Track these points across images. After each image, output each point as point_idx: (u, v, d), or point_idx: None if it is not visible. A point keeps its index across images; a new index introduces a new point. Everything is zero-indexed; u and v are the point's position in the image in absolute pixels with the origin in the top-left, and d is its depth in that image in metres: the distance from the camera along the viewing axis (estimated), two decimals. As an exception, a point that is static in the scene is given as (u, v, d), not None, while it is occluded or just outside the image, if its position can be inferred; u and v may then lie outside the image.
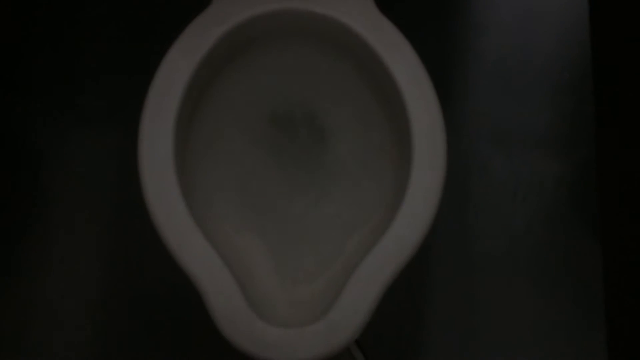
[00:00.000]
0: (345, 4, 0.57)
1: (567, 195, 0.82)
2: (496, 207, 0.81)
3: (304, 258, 0.61)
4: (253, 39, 0.60)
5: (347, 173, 0.63)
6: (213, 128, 0.62)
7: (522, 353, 0.78)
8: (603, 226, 0.81)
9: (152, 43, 0.58)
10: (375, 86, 0.60)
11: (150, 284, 0.78)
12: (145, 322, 0.77)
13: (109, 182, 0.81)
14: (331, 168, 0.64)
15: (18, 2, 0.86)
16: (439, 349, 0.78)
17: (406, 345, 0.78)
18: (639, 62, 0.84)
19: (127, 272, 0.79)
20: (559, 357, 0.78)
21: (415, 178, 0.53)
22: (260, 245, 0.61)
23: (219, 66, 0.60)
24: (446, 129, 0.56)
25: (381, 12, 0.58)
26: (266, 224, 0.62)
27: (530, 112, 0.85)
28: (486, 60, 0.86)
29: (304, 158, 0.64)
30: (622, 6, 0.85)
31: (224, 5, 0.57)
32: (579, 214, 0.81)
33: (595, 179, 0.82)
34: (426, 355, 0.78)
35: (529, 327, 0.78)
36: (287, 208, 0.63)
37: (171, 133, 0.54)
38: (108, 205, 0.81)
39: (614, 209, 0.82)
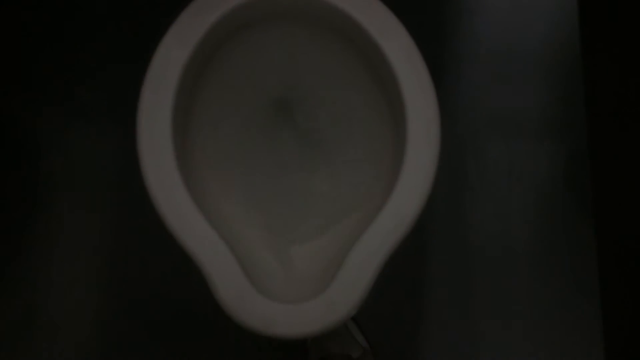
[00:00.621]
0: None
1: (562, 180, 0.82)
2: (492, 193, 0.81)
3: (302, 237, 0.61)
4: (247, 25, 0.60)
5: (344, 154, 0.64)
6: (209, 112, 0.62)
7: (519, 352, 0.78)
8: (597, 211, 0.80)
9: (152, 42, 0.59)
10: (370, 69, 0.61)
11: (150, 284, 0.78)
12: (145, 322, 0.77)
13: (110, 181, 0.81)
14: (328, 149, 0.64)
15: (18, 2, 0.87)
16: (439, 349, 0.77)
17: (406, 345, 0.77)
18: (629, 44, 0.84)
19: (127, 272, 0.79)
20: (557, 354, 0.77)
21: (410, 156, 0.54)
22: (258, 226, 0.61)
23: (213, 52, 0.60)
24: (440, 112, 0.56)
25: None
26: (263, 204, 0.62)
27: (524, 97, 0.85)
28: (480, 45, 0.87)
29: (300, 139, 0.65)
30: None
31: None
32: (574, 198, 0.81)
33: (590, 164, 0.82)
34: (426, 355, 0.77)
35: (528, 322, 0.78)
36: (285, 189, 0.63)
37: (169, 117, 0.55)
38: (108, 205, 0.81)
39: (609, 193, 0.81)
